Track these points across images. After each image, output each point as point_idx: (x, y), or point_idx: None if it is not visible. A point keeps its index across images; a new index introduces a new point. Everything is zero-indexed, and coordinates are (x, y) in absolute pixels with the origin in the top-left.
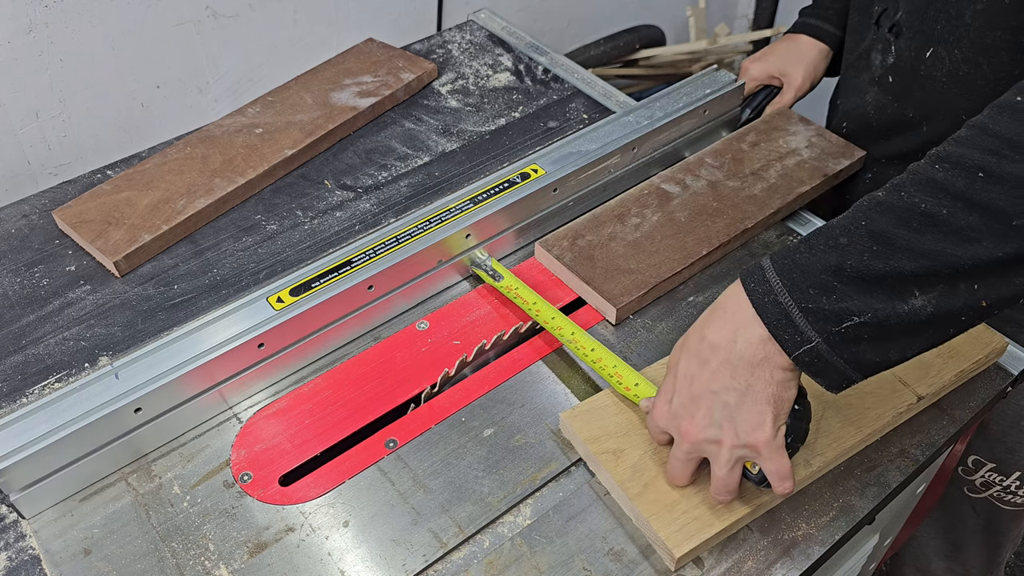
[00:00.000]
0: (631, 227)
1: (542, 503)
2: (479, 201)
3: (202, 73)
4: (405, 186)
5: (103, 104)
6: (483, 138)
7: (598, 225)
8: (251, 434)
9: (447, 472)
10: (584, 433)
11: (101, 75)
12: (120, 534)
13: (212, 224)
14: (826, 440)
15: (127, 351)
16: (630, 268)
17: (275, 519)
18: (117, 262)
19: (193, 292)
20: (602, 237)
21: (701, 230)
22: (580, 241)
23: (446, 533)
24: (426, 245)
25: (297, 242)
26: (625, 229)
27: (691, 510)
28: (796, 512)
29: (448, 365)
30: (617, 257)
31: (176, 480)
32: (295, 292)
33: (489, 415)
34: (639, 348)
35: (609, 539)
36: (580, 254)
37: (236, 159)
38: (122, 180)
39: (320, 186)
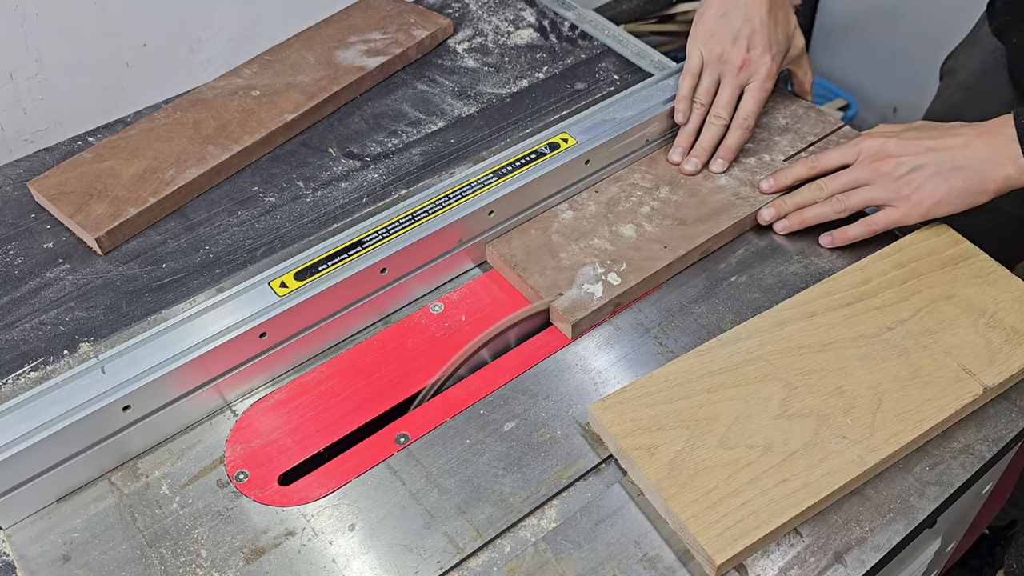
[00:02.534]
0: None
1: (569, 504)
2: (503, 174)
3: (193, 30)
4: (417, 154)
5: (84, 64)
6: (503, 101)
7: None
8: (247, 428)
9: (464, 470)
10: (615, 427)
11: (82, 31)
12: (103, 538)
13: (204, 196)
14: (882, 435)
15: (111, 338)
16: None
17: (274, 522)
18: (99, 238)
19: (183, 271)
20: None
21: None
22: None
23: (463, 537)
24: (445, 223)
25: (298, 216)
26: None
27: (734, 512)
28: (849, 514)
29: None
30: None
31: (164, 479)
32: (300, 276)
33: (510, 407)
34: (676, 333)
35: (643, 544)
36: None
37: (231, 125)
38: (105, 148)
39: (323, 154)
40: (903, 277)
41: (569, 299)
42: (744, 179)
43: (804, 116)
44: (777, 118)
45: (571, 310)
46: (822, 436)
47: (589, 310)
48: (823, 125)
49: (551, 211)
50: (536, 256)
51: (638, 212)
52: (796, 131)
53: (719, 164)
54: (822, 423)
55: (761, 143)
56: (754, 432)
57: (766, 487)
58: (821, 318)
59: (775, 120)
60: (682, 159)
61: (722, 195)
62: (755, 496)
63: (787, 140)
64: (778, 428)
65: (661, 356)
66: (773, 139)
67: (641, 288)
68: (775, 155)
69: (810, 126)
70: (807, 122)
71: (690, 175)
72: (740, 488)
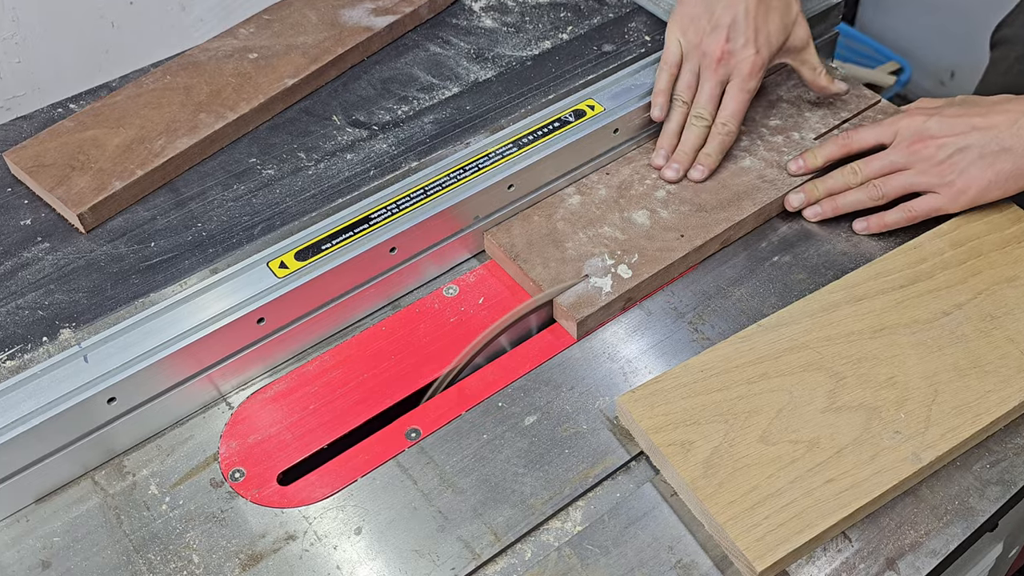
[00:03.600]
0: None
1: (595, 506)
2: (524, 144)
3: None
4: (430, 123)
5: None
6: (524, 65)
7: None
8: (244, 422)
9: (480, 468)
10: (646, 421)
11: None
12: (85, 543)
13: (197, 169)
14: (938, 430)
15: (94, 323)
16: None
17: (273, 525)
18: (82, 214)
19: (174, 251)
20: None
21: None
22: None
23: (479, 542)
24: (460, 198)
25: (299, 190)
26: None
27: (776, 514)
28: (902, 516)
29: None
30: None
31: (153, 478)
32: (302, 256)
33: (531, 399)
34: (712, 318)
35: (676, 549)
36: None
37: (226, 90)
38: (88, 116)
39: (327, 123)
40: (961, 257)
41: (575, 294)
42: (771, 160)
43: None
44: (808, 92)
45: (576, 306)
46: (873, 431)
47: (596, 306)
48: (858, 100)
49: (556, 195)
50: (539, 246)
51: (652, 197)
52: (829, 106)
53: (699, 172)
54: (873, 417)
55: (790, 120)
56: (798, 426)
57: (811, 487)
58: (872, 302)
59: (806, 94)
60: (665, 163)
61: (745, 178)
62: (799, 497)
63: (818, 116)
64: (825, 422)
65: (696, 343)
66: (803, 115)
67: (655, 282)
68: (805, 133)
69: (843, 101)
70: (840, 97)
71: (672, 182)
72: (783, 488)
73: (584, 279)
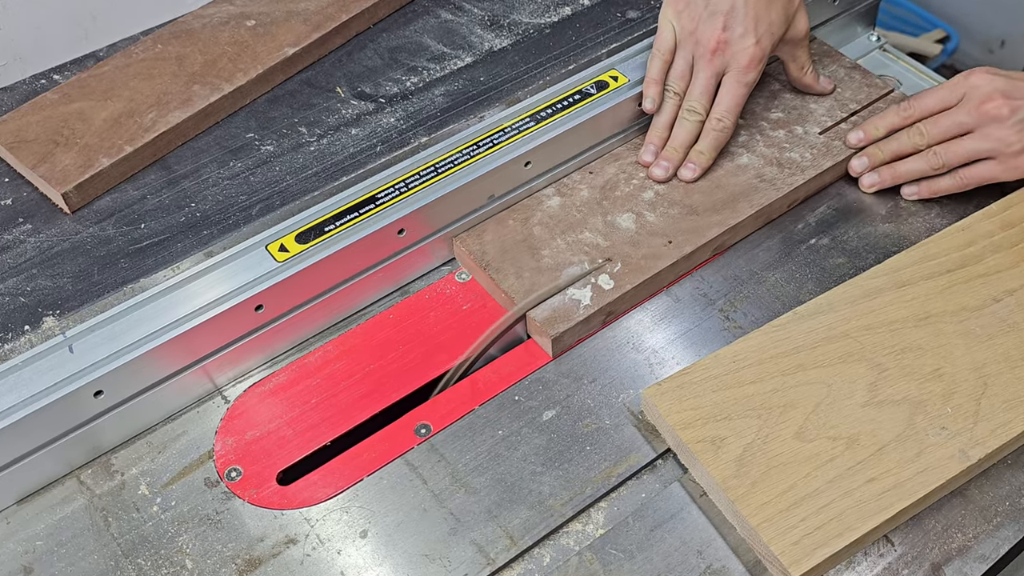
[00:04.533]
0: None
1: (619, 507)
2: (542, 118)
3: None
4: (441, 95)
5: None
6: (542, 32)
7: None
8: (241, 417)
9: (495, 467)
10: (674, 416)
11: None
12: (71, 547)
13: (190, 144)
14: (988, 425)
15: (80, 311)
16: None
17: (272, 528)
18: (67, 193)
19: (165, 233)
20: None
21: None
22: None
23: (494, 546)
24: (474, 176)
25: (301, 168)
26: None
27: (813, 516)
28: (949, 519)
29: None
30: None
31: (143, 477)
32: (303, 238)
33: (550, 392)
34: (745, 305)
35: (706, 554)
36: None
37: (221, 60)
38: (73, 87)
39: (331, 95)
40: (1013, 239)
41: (550, 307)
42: (770, 157)
43: (846, 79)
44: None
45: (551, 321)
46: (917, 427)
47: (573, 321)
48: (869, 90)
49: (534, 197)
50: (513, 253)
51: (639, 198)
52: (836, 97)
53: (689, 171)
54: (917, 411)
55: (793, 112)
56: (837, 422)
57: (851, 487)
58: (916, 288)
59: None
60: (654, 160)
61: (742, 177)
62: (838, 497)
63: (824, 108)
64: (865, 417)
65: (728, 332)
66: (808, 107)
67: (639, 293)
68: (809, 127)
69: (853, 91)
70: (850, 86)
71: (660, 181)
72: (821, 488)
73: (561, 291)
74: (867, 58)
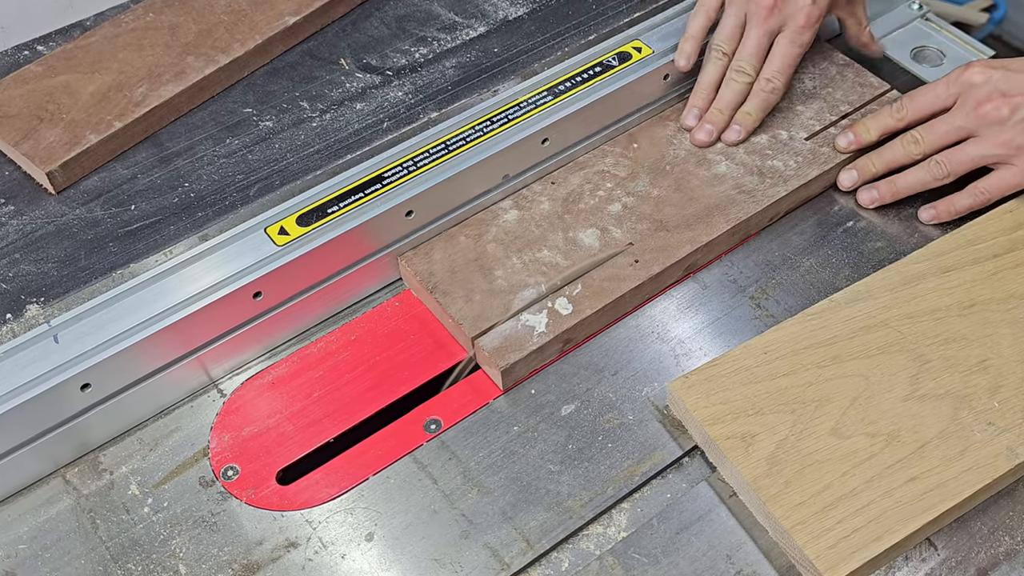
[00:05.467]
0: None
1: (643, 508)
2: (560, 92)
3: None
4: (452, 67)
5: None
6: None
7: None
8: (238, 412)
9: (510, 465)
10: (701, 411)
11: None
12: (56, 551)
13: (184, 120)
14: None
15: (66, 298)
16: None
17: (271, 531)
18: (52, 173)
19: (157, 214)
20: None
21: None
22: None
23: (509, 550)
24: (487, 155)
25: (302, 145)
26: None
27: (851, 518)
28: (996, 521)
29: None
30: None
31: (133, 476)
32: (304, 220)
33: (568, 385)
34: (777, 292)
35: (736, 559)
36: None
37: (217, 29)
38: (58, 59)
39: (334, 67)
40: None
41: (501, 335)
42: (751, 165)
43: (838, 77)
44: (802, 79)
45: (501, 351)
46: (962, 422)
47: (526, 351)
48: (862, 90)
49: (489, 210)
50: (463, 274)
51: (605, 212)
52: (826, 97)
53: (735, 132)
54: (962, 406)
55: (777, 115)
56: (876, 417)
57: (891, 487)
58: (961, 273)
59: (799, 83)
60: (696, 123)
61: (719, 188)
62: (877, 498)
63: (813, 110)
64: (906, 412)
65: (759, 321)
66: (794, 109)
67: (600, 319)
68: (795, 131)
69: (844, 91)
70: (841, 86)
71: (704, 146)
72: (858, 488)
73: (514, 316)
74: (908, 28)
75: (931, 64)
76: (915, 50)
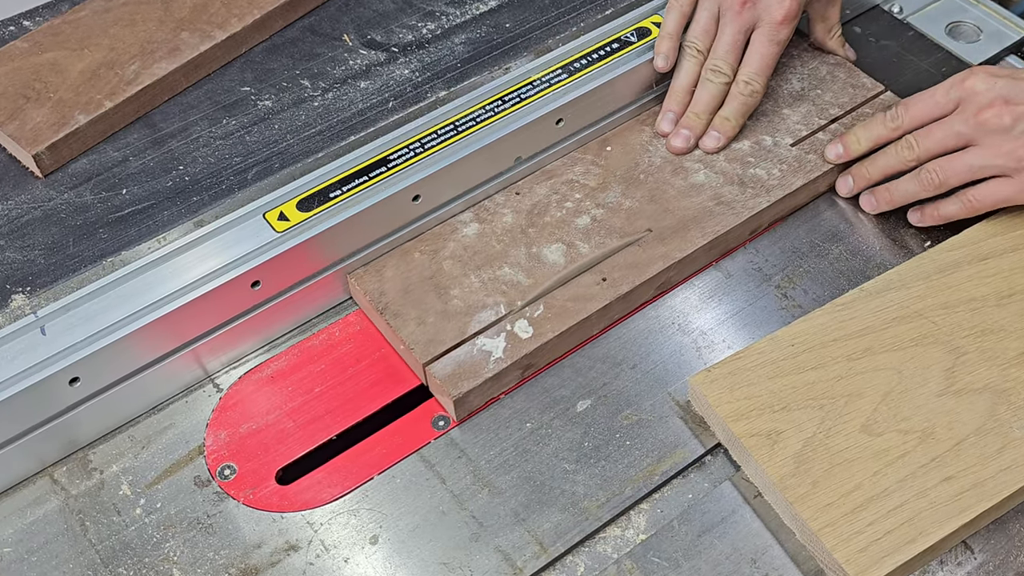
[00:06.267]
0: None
1: (663, 510)
2: (575, 70)
3: None
4: (461, 44)
5: None
6: None
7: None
8: (235, 408)
9: (522, 464)
10: (725, 406)
11: None
12: (43, 555)
13: (178, 100)
14: None
15: (54, 287)
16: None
17: (270, 533)
18: (38, 155)
19: (150, 199)
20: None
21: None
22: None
23: (521, 553)
24: (498, 136)
25: (303, 126)
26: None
27: (883, 519)
28: None
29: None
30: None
31: (125, 475)
32: (305, 205)
33: (585, 379)
34: (805, 281)
35: (761, 563)
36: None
37: (213, 4)
38: (46, 35)
39: (336, 43)
40: None
41: (454, 361)
42: (731, 174)
43: (828, 78)
44: (789, 80)
45: (454, 379)
46: (1000, 419)
47: (480, 378)
48: (853, 91)
49: (448, 224)
50: (417, 294)
51: (572, 225)
52: (815, 100)
53: (713, 139)
54: (1000, 401)
55: (761, 119)
56: (910, 413)
57: (925, 486)
58: (999, 261)
59: (786, 83)
60: (672, 129)
61: (697, 199)
62: (911, 498)
63: (800, 114)
64: (941, 408)
65: (785, 312)
66: (780, 112)
67: (564, 343)
68: (780, 137)
69: (835, 93)
70: (831, 87)
71: (680, 153)
72: (891, 488)
73: (469, 340)
74: (942, 2)
75: (967, 40)
76: (950, 25)
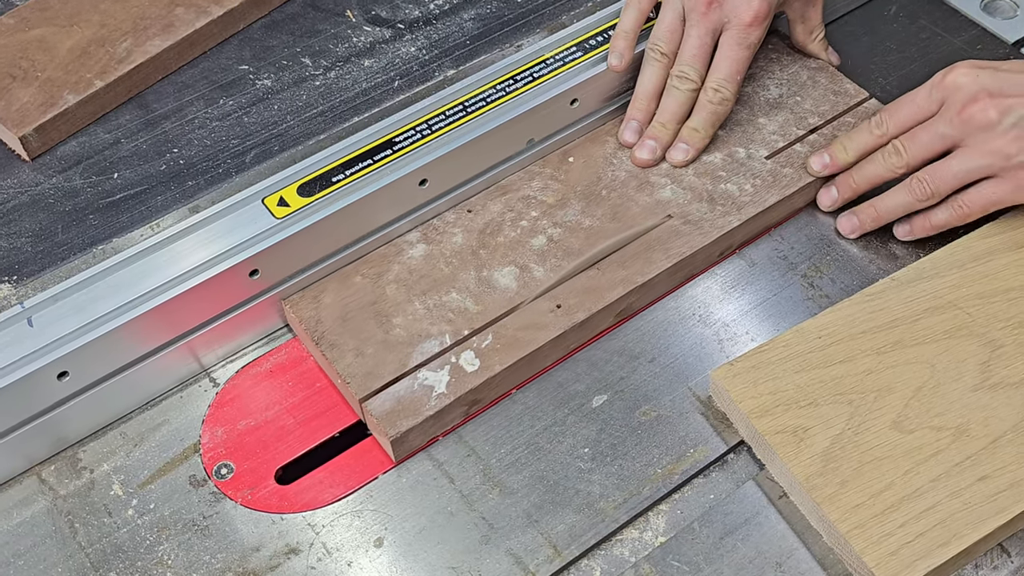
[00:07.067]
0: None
1: (683, 511)
2: (590, 48)
3: None
4: (470, 19)
5: None
6: None
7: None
8: (232, 404)
9: (535, 463)
10: (748, 402)
11: None
12: (30, 558)
13: (172, 79)
14: None
15: (41, 276)
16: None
17: (269, 535)
18: (25, 137)
19: (143, 183)
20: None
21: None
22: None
23: (534, 557)
24: (509, 117)
25: (304, 107)
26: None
27: (915, 521)
28: None
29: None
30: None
31: (116, 475)
32: (306, 190)
33: (600, 374)
34: (832, 270)
35: (786, 566)
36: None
37: None
38: (33, 10)
39: (339, 19)
40: None
41: (394, 397)
42: (700, 190)
43: (808, 84)
44: (767, 86)
45: (392, 417)
46: None
47: (421, 417)
48: (835, 99)
49: (393, 244)
50: (356, 322)
51: (527, 246)
52: (793, 108)
53: (681, 152)
54: None
55: (735, 128)
56: (943, 409)
57: (959, 486)
58: None
59: (763, 90)
60: (636, 139)
61: (661, 217)
62: (944, 499)
63: (777, 123)
64: (976, 404)
65: (812, 302)
66: (755, 121)
67: (514, 376)
68: (755, 148)
69: (815, 101)
70: (811, 94)
71: (646, 166)
72: (923, 488)
73: (411, 374)
74: None
75: (1003, 16)
76: (985, 0)
